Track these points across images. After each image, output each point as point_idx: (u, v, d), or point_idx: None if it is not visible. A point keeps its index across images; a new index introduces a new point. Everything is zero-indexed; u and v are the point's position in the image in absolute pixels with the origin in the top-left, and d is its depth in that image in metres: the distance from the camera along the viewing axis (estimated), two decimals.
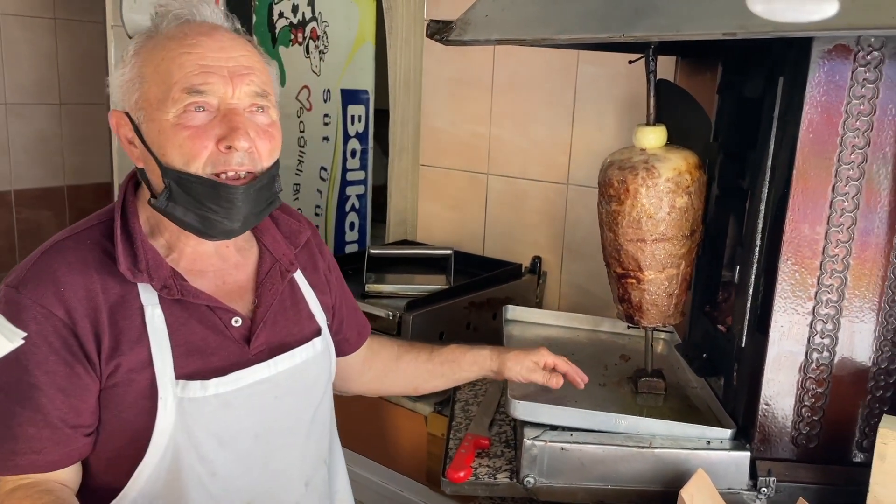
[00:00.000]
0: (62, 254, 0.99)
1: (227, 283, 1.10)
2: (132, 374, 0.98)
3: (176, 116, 0.96)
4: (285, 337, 1.12)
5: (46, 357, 0.95)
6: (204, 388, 1.01)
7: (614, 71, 1.90)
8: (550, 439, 1.20)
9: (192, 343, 1.02)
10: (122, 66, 1.01)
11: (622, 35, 0.94)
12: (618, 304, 1.38)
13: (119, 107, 1.02)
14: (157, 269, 1.00)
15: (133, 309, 0.99)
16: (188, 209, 0.99)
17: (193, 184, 0.97)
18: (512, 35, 1.07)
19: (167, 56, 0.97)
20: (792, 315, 1.15)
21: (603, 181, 1.31)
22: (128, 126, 1.01)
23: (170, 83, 0.96)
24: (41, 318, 0.95)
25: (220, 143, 0.97)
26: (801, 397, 1.18)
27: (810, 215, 1.13)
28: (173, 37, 0.99)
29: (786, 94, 1.14)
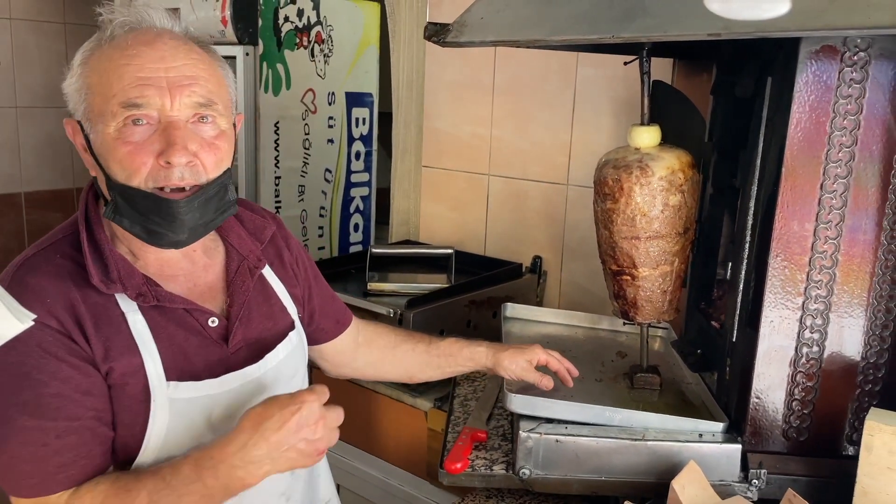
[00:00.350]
0: (34, 269, 0.97)
1: (199, 285, 1.09)
2: (125, 377, 0.97)
3: (116, 130, 0.95)
4: (261, 333, 1.13)
5: (58, 367, 0.93)
6: (196, 389, 1.01)
7: (612, 72, 1.93)
8: (545, 432, 1.23)
9: (175, 346, 1.02)
10: (70, 75, 1.00)
11: (612, 36, 0.97)
12: (613, 300, 1.41)
13: (73, 115, 1.01)
14: (129, 278, 1.00)
15: (115, 317, 0.98)
16: (134, 222, 0.98)
17: (136, 197, 0.96)
18: (506, 37, 1.10)
19: (108, 67, 0.96)
20: (782, 310, 1.18)
21: (598, 180, 1.34)
22: (80, 135, 1.00)
23: (109, 96, 0.95)
24: (37, 333, 0.93)
25: (160, 158, 0.95)
26: (792, 391, 1.21)
27: (799, 212, 1.15)
28: (117, 45, 0.97)
29: (775, 94, 1.16)
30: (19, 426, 0.91)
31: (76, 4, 3.74)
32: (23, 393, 0.92)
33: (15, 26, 3.58)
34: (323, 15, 2.55)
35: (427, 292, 1.82)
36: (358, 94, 2.71)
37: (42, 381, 0.92)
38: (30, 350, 0.92)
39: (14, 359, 0.92)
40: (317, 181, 2.62)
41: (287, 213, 2.52)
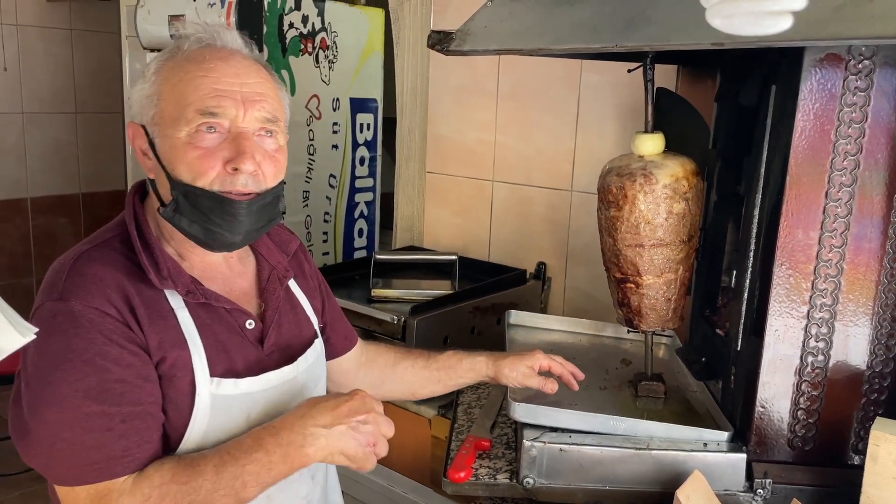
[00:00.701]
0: (93, 261, 1.01)
1: (234, 290, 1.14)
2: (175, 369, 1.00)
3: (188, 136, 1.01)
4: (290, 339, 1.18)
5: (120, 353, 0.96)
6: (237, 387, 1.05)
7: (616, 79, 1.93)
8: (549, 440, 1.22)
9: (219, 343, 1.06)
10: (143, 82, 1.06)
11: (615, 45, 0.97)
12: (617, 308, 1.41)
13: (136, 119, 1.07)
14: (178, 276, 1.04)
15: (166, 311, 1.02)
16: (193, 221, 1.03)
17: (199, 197, 1.01)
18: (509, 45, 1.10)
19: (184, 77, 1.02)
20: (787, 319, 1.17)
21: (602, 187, 1.34)
22: (143, 138, 1.06)
23: (184, 104, 1.01)
24: (98, 320, 0.96)
25: (227, 165, 1.01)
26: (797, 400, 1.20)
27: (804, 220, 1.15)
28: (192, 59, 1.03)
29: (779, 103, 1.16)
30: (84, 412, 0.94)
31: (82, 11, 3.76)
32: (87, 379, 0.94)
33: (21, 32, 3.60)
34: (328, 21, 2.55)
35: (431, 299, 1.82)
36: (362, 99, 2.71)
37: (106, 367, 0.95)
38: (93, 337, 0.95)
39: (78, 345, 0.95)
40: (321, 187, 2.62)
41: (291, 219, 2.52)
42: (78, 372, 0.94)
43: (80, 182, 3.95)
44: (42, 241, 3.85)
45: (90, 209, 4.00)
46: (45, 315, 0.97)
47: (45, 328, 0.92)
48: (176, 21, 2.56)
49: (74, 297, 0.97)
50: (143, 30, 2.69)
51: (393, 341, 1.74)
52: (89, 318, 0.96)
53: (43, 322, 0.95)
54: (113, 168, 3.99)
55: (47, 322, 0.95)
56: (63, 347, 0.95)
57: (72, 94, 3.80)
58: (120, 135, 3.77)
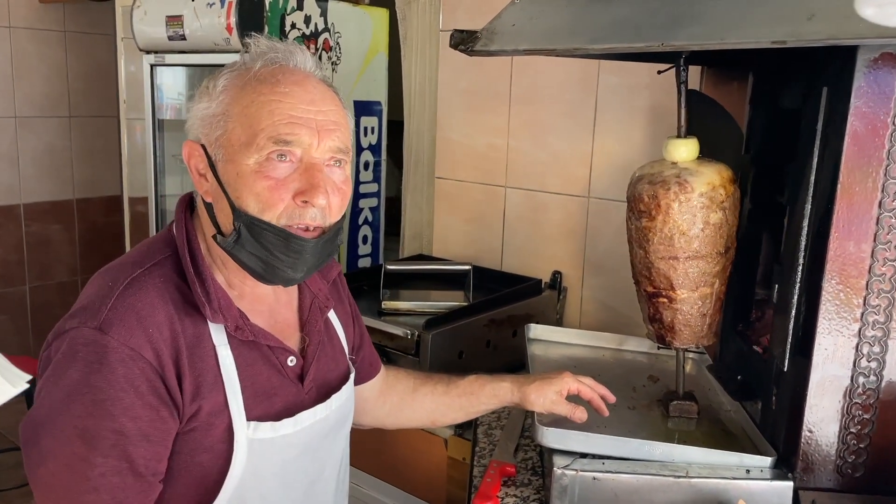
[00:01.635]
0: (143, 291, 0.94)
1: (278, 321, 1.08)
2: (211, 417, 0.95)
3: (258, 163, 0.94)
4: (327, 374, 1.13)
5: (133, 402, 0.89)
6: (274, 430, 0.99)
7: (636, 81, 1.85)
8: (581, 468, 1.14)
9: (258, 384, 1.00)
10: (207, 99, 0.98)
11: (661, 44, 0.89)
12: (648, 323, 1.33)
13: (195, 138, 1.00)
14: (228, 310, 0.98)
15: (207, 349, 0.96)
16: (254, 254, 0.96)
17: (265, 231, 0.95)
18: (541, 45, 1.03)
19: (257, 100, 0.95)
20: (837, 337, 1.10)
21: (632, 196, 1.26)
22: (202, 159, 0.99)
23: (257, 129, 0.94)
24: (129, 361, 0.90)
25: (298, 197, 0.95)
26: (847, 424, 1.12)
27: (855, 232, 1.07)
28: (265, 80, 0.96)
29: (829, 105, 1.08)
30: (71, 450, 0.88)
31: (76, 12, 3.68)
32: (88, 419, 0.88)
33: (14, 35, 3.51)
34: (331, 22, 2.47)
35: (446, 311, 1.74)
36: (366, 102, 2.63)
37: (112, 414, 0.89)
38: (114, 379, 0.89)
39: (96, 383, 0.88)
40: None
41: None
42: (83, 409, 0.88)
43: (74, 188, 3.86)
44: (35, 249, 3.76)
45: (85, 215, 3.91)
46: (78, 340, 0.90)
47: (72, 352, 0.89)
48: (173, 22, 2.47)
49: (113, 330, 0.90)
50: (139, 31, 2.61)
51: (405, 356, 1.66)
52: (120, 358, 0.89)
53: (73, 345, 0.90)
54: (108, 174, 3.91)
55: (77, 347, 0.90)
56: (81, 379, 0.88)
57: (66, 98, 3.72)
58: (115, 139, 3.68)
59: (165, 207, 2.88)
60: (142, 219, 3.13)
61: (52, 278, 3.84)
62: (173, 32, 2.48)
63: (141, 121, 2.95)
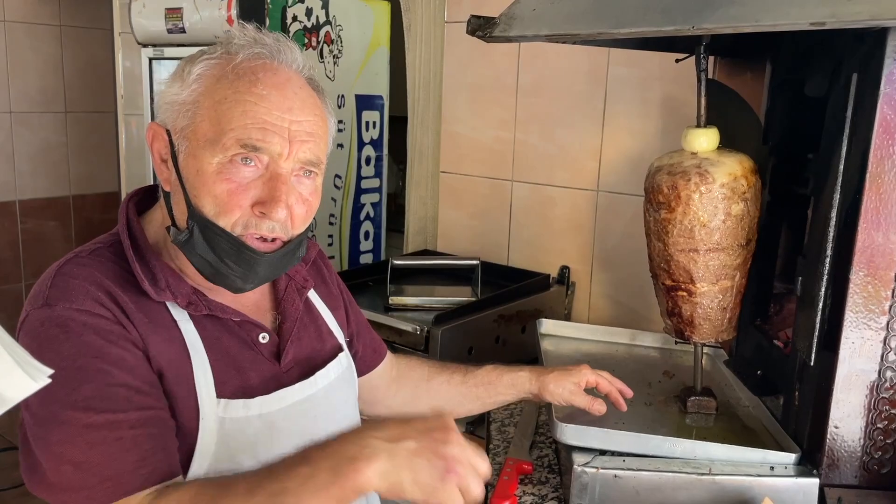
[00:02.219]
0: (82, 267, 0.91)
1: (246, 304, 1.03)
2: (175, 387, 0.90)
3: (220, 164, 0.90)
4: (310, 353, 1.08)
5: (120, 355, 0.85)
6: (247, 408, 0.94)
7: (647, 72, 1.82)
8: (602, 466, 1.11)
9: (229, 358, 0.95)
10: (180, 84, 0.93)
11: (692, 27, 0.86)
12: (666, 317, 1.30)
13: (161, 121, 0.95)
14: (177, 287, 0.94)
15: (167, 322, 0.92)
16: (203, 257, 0.92)
17: (218, 237, 0.91)
18: (563, 30, 0.99)
19: (231, 97, 0.90)
20: (864, 331, 1.07)
21: (650, 187, 1.23)
22: (165, 145, 0.95)
23: (225, 128, 0.90)
24: (90, 320, 0.85)
25: (256, 207, 0.91)
26: (873, 419, 1.10)
27: (884, 223, 1.04)
28: (242, 76, 0.91)
29: (857, 93, 1.05)
30: (86, 424, 0.81)
31: (72, 7, 3.62)
32: (82, 388, 0.82)
33: (9, 29, 3.46)
34: (332, 14, 2.44)
35: (454, 307, 1.70)
36: (368, 96, 2.60)
37: (104, 370, 0.83)
38: (87, 339, 0.84)
39: (70, 350, 0.83)
40: (326, 188, 2.50)
41: None
42: (72, 381, 0.82)
43: (70, 184, 3.80)
44: (31, 246, 3.71)
45: (81, 212, 3.86)
46: (33, 325, 0.86)
47: (34, 340, 0.85)
48: (173, 14, 2.43)
49: (60, 301, 0.86)
50: (137, 24, 2.57)
51: (415, 353, 1.63)
52: (81, 321, 0.85)
53: (30, 334, 0.86)
54: (105, 169, 3.86)
55: (35, 333, 0.86)
56: (54, 356, 0.83)
57: (62, 93, 3.66)
58: (112, 135, 3.63)
59: None
60: None
61: None
62: (172, 25, 2.43)
63: (138, 116, 2.91)
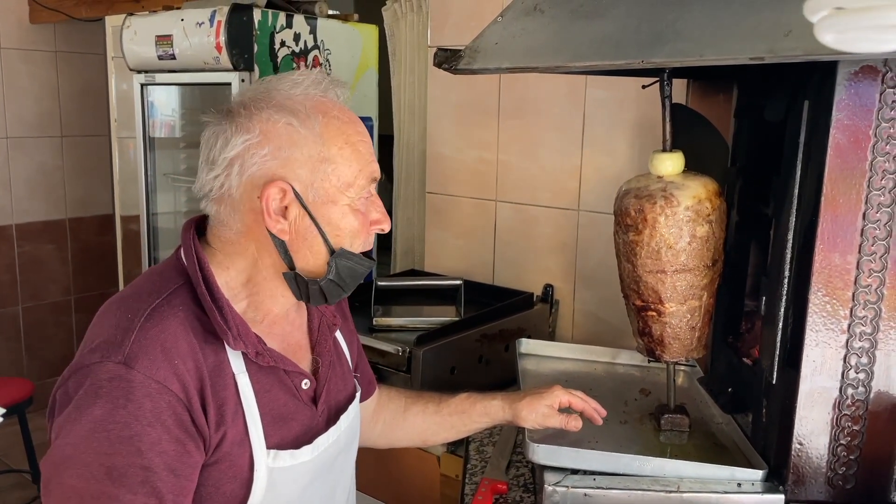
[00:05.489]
0: (165, 321, 0.92)
1: (290, 343, 1.07)
2: (234, 447, 0.94)
3: (353, 201, 0.99)
4: (337, 394, 1.12)
5: (160, 437, 0.87)
6: (293, 457, 0.99)
7: (623, 95, 1.86)
8: (573, 484, 1.14)
9: (275, 411, 0.99)
10: (305, 143, 0.95)
11: (641, 62, 0.90)
12: (638, 337, 1.33)
13: (285, 178, 0.95)
14: (247, 336, 0.97)
15: (228, 377, 0.95)
16: (337, 283, 1.00)
17: (352, 262, 1.00)
18: (523, 63, 1.03)
19: (350, 140, 0.98)
20: (824, 349, 1.10)
21: (619, 210, 1.26)
22: (284, 199, 0.96)
23: (356, 169, 0.98)
24: (156, 395, 0.87)
25: (373, 226, 1.02)
26: (837, 435, 1.12)
27: (840, 244, 1.07)
28: (344, 120, 0.99)
29: (811, 118, 1.09)
30: (98, 489, 0.85)
31: (67, 32, 3.68)
32: (116, 457, 0.85)
33: (5, 55, 3.51)
34: (320, 39, 2.48)
35: (437, 327, 1.73)
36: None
37: (140, 450, 0.86)
38: (141, 414, 0.86)
39: (122, 419, 0.86)
40: None
41: None
42: (109, 447, 0.85)
43: (66, 207, 3.84)
44: (28, 269, 3.75)
45: (77, 235, 3.90)
46: (101, 375, 0.87)
47: (96, 388, 0.86)
48: (163, 41, 2.48)
49: (139, 363, 0.87)
50: (129, 51, 2.62)
51: (397, 373, 1.65)
52: (147, 392, 0.87)
53: (96, 380, 0.87)
54: (100, 192, 3.90)
55: (101, 383, 0.87)
56: (106, 416, 0.86)
57: (57, 118, 3.72)
58: (107, 158, 3.67)
59: (157, 225, 2.88)
60: (134, 237, 3.12)
61: (44, 298, 3.83)
62: (163, 52, 2.49)
63: (133, 139, 2.95)
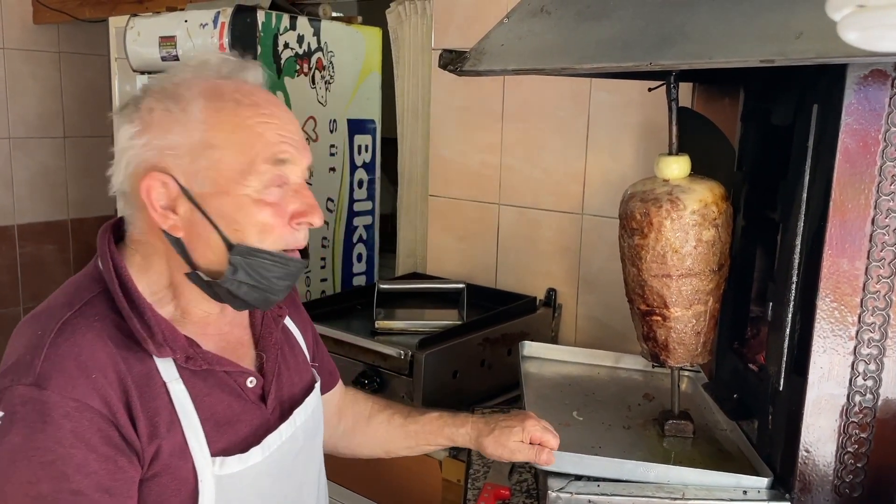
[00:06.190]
0: (78, 334, 0.86)
1: (230, 342, 1.01)
2: (173, 458, 0.89)
3: (256, 191, 0.90)
4: (291, 387, 1.07)
5: (87, 458, 0.83)
6: (242, 462, 0.94)
7: (628, 98, 1.85)
8: (576, 491, 1.13)
9: (218, 415, 0.94)
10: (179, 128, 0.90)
11: (649, 64, 0.89)
12: (642, 342, 1.31)
13: (157, 169, 0.90)
14: (174, 341, 0.91)
15: (158, 386, 0.90)
16: (251, 285, 0.92)
17: (264, 260, 0.91)
18: (529, 65, 1.02)
19: (243, 123, 0.91)
20: (832, 356, 1.08)
21: (624, 214, 1.25)
22: (167, 192, 0.90)
23: (251, 154, 0.90)
24: (75, 414, 0.82)
25: (294, 220, 0.93)
26: (844, 443, 1.11)
27: (849, 250, 1.06)
28: (241, 102, 0.92)
29: (819, 122, 1.08)
30: None
31: (70, 33, 3.68)
32: (41, 484, 0.81)
33: (8, 56, 3.51)
34: (324, 41, 2.48)
35: (440, 330, 1.72)
36: (360, 120, 2.63)
37: (65, 474, 0.82)
38: (61, 436, 0.81)
39: (42, 443, 0.81)
40: None
41: None
42: (32, 475, 0.81)
43: (68, 208, 3.84)
44: (30, 270, 3.74)
45: (79, 235, 3.89)
46: (13, 400, 0.82)
47: (10, 414, 0.81)
48: (166, 42, 2.48)
49: (52, 384, 0.82)
50: (132, 52, 2.61)
51: (399, 377, 1.64)
52: (64, 412, 0.82)
53: (10, 406, 0.82)
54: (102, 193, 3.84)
55: (14, 408, 0.82)
56: (24, 442, 0.81)
57: (60, 118, 3.71)
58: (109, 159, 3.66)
59: None
60: None
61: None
62: (166, 53, 2.48)
63: None
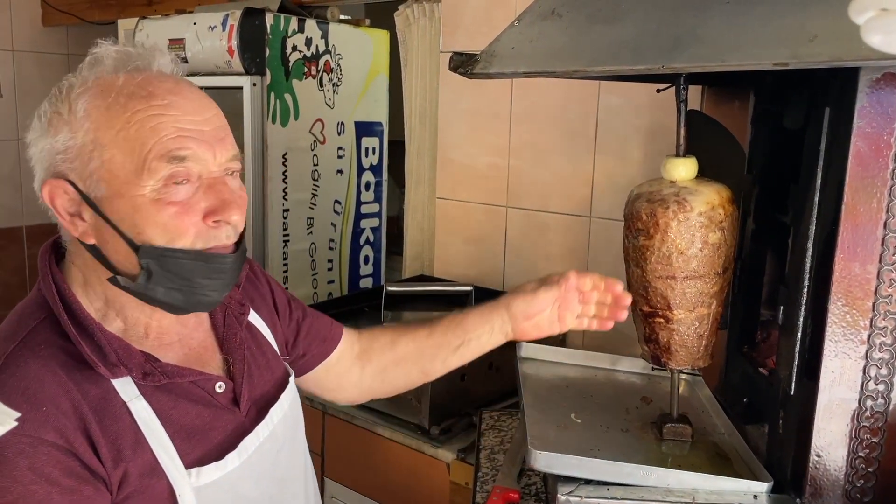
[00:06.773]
0: (23, 367, 0.82)
1: (193, 348, 0.98)
2: (144, 479, 0.86)
3: (155, 191, 0.84)
4: (263, 386, 1.04)
5: (48, 493, 0.79)
6: (220, 468, 0.91)
7: (637, 100, 1.85)
8: (586, 495, 1.12)
9: (188, 426, 0.90)
10: (67, 129, 0.86)
11: (661, 67, 0.89)
12: (643, 343, 1.31)
13: (55, 175, 0.86)
14: (128, 358, 0.87)
15: (118, 408, 0.85)
16: (172, 287, 0.87)
17: (180, 260, 0.86)
18: (541, 67, 1.02)
19: (133, 118, 0.84)
20: (844, 360, 1.08)
21: (630, 214, 1.25)
22: (70, 198, 0.86)
23: (143, 152, 0.83)
24: (30, 451, 0.78)
25: (208, 218, 0.87)
26: (855, 448, 1.10)
27: (861, 253, 1.06)
28: (134, 95, 0.85)
29: (831, 126, 1.07)
30: None
31: (79, 35, 3.70)
32: None
33: (17, 58, 3.53)
34: (332, 44, 2.48)
35: None
36: (367, 123, 2.63)
37: None
38: (19, 475, 0.78)
39: (0, 484, 0.78)
40: (326, 213, 2.54)
41: (295, 247, 2.44)
42: None
43: None
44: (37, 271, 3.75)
45: None
46: None
47: None
48: (175, 45, 2.49)
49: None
50: None
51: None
52: (18, 449, 0.78)
53: None
54: None
55: None
56: None
57: None
58: None
59: None
60: None
61: None
62: (175, 55, 2.48)
63: None
